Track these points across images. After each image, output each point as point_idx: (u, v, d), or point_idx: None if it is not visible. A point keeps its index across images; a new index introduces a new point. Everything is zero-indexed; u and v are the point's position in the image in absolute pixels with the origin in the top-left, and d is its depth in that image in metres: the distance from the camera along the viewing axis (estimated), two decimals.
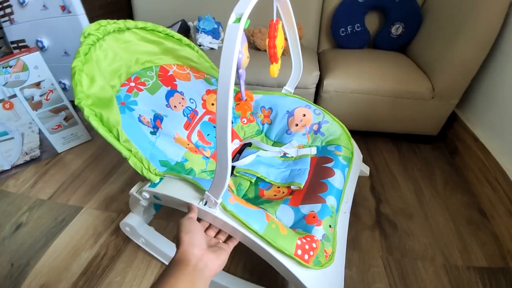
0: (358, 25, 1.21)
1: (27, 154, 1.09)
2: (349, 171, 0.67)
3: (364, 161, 0.83)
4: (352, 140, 0.75)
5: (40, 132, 1.10)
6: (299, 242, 0.47)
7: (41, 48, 1.25)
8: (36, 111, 1.06)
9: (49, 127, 1.11)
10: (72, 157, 1.16)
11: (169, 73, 0.72)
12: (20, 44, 1.27)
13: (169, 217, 0.86)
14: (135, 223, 0.70)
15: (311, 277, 0.47)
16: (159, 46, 0.70)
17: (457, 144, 1.09)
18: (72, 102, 1.15)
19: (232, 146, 0.77)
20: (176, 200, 0.52)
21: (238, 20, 0.34)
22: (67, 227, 0.86)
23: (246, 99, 0.68)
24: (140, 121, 0.60)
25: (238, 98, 0.66)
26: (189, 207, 0.49)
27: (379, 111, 1.07)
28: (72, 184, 1.02)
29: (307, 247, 0.48)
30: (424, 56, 1.10)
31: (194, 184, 0.51)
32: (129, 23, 0.63)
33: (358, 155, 0.76)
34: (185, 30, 1.26)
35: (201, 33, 1.19)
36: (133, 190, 0.61)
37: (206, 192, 0.46)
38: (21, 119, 1.04)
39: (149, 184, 0.57)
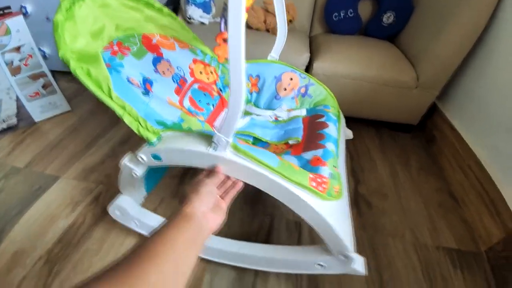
0: (351, 10, 1.21)
1: (4, 121, 1.05)
2: (339, 125, 0.70)
3: (347, 144, 0.85)
4: (336, 101, 0.78)
5: (17, 99, 1.05)
6: (311, 176, 0.49)
7: (24, 14, 1.22)
8: (15, 76, 1.01)
9: (26, 94, 1.06)
10: (50, 126, 1.12)
11: (153, 42, 0.69)
12: (5, 11, 1.22)
13: (159, 204, 0.83)
14: (127, 205, 0.66)
15: (326, 208, 0.48)
16: (140, 14, 0.67)
17: (434, 133, 1.13)
18: (52, 72, 1.11)
19: (223, 114, 0.77)
20: (183, 153, 0.50)
21: None
22: (43, 195, 0.84)
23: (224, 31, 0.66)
24: (129, 82, 0.58)
25: (221, 38, 0.61)
26: (215, 170, 0.48)
27: (365, 97, 1.09)
28: (50, 153, 1.00)
29: (319, 180, 0.49)
30: (412, 46, 1.12)
31: (198, 135, 0.50)
32: None
33: (342, 117, 0.79)
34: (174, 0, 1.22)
35: (191, 5, 1.15)
36: (125, 160, 0.56)
37: (217, 133, 0.44)
38: (0, 84, 0.99)
39: (146, 144, 0.54)
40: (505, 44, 0.87)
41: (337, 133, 0.66)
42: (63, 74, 1.43)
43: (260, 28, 1.20)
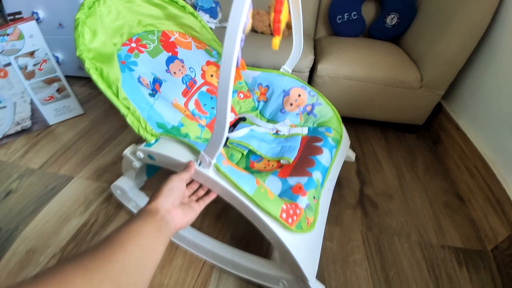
0: (355, 12, 1.23)
1: (18, 124, 1.09)
2: (336, 152, 0.70)
3: (353, 146, 0.86)
4: (342, 125, 0.78)
5: (32, 102, 1.09)
6: (284, 207, 0.50)
7: (37, 20, 1.24)
8: (29, 80, 1.05)
9: (41, 98, 1.10)
10: (64, 129, 1.16)
11: (171, 39, 0.72)
12: (16, 16, 1.28)
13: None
14: (127, 186, 0.72)
15: (292, 239, 0.50)
16: (162, 11, 0.70)
17: (440, 133, 1.13)
18: (65, 77, 1.15)
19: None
20: (170, 160, 0.53)
21: None
22: (58, 195, 0.87)
23: (239, 67, 0.68)
24: (139, 81, 0.61)
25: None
26: (188, 165, 0.50)
27: (369, 99, 1.10)
28: (63, 155, 1.03)
29: (291, 212, 0.51)
30: (416, 47, 1.13)
31: (189, 146, 0.53)
32: None
33: (346, 139, 0.79)
34: None
35: (199, 10, 1.19)
36: (127, 151, 0.62)
37: (202, 152, 0.48)
38: (14, 88, 1.03)
39: (144, 144, 0.58)
40: (509, 43, 0.87)
41: (330, 160, 0.67)
42: (76, 79, 1.48)
43: (264, 32, 1.23)
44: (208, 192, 0.53)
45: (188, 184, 0.51)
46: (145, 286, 0.31)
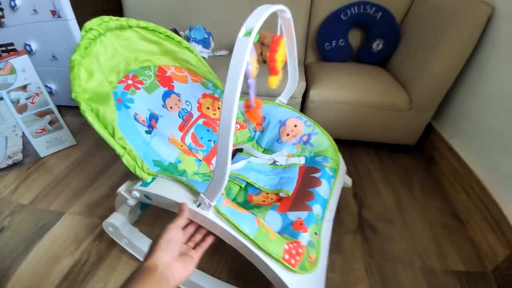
0: (342, 40, 1.28)
1: (9, 158, 1.07)
2: (334, 182, 0.70)
3: (348, 170, 0.86)
4: (339, 153, 0.79)
5: (23, 135, 1.08)
6: (286, 247, 0.49)
7: (29, 52, 1.25)
8: (21, 114, 1.04)
9: (33, 131, 1.09)
10: (56, 161, 1.14)
11: (167, 74, 0.73)
12: (8, 48, 1.27)
13: (155, 222, 0.86)
14: (119, 223, 0.70)
15: (296, 280, 0.49)
16: (159, 47, 0.71)
17: (433, 153, 1.15)
18: (58, 106, 1.15)
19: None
20: (168, 201, 0.52)
21: (248, 34, 0.36)
22: (48, 232, 0.84)
23: (255, 107, 0.69)
24: (135, 119, 0.61)
25: (247, 105, 0.66)
26: (180, 208, 0.49)
27: (361, 121, 1.12)
28: (54, 189, 1.01)
29: (293, 252, 0.50)
30: (403, 70, 1.17)
31: (187, 186, 0.52)
32: (132, 21, 0.63)
33: (343, 167, 0.80)
34: None
35: (192, 42, 1.22)
36: (122, 189, 0.60)
37: (201, 194, 0.47)
38: (6, 122, 1.02)
39: (140, 183, 0.57)
40: (495, 62, 0.90)
41: (329, 192, 0.67)
42: (69, 108, 1.47)
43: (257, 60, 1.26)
44: (205, 236, 0.51)
45: (183, 228, 0.50)
46: None
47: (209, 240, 0.50)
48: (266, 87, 0.57)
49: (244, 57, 0.34)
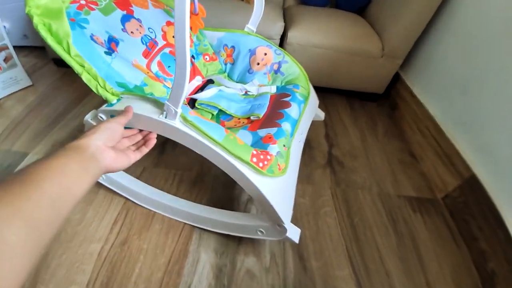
0: None
1: None
2: (305, 106, 0.73)
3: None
4: (309, 83, 0.81)
5: None
6: (254, 152, 0.51)
7: None
8: None
9: None
10: (12, 103, 1.05)
11: None
12: None
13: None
14: None
15: (264, 182, 0.51)
16: None
17: (397, 100, 1.23)
18: (13, 46, 1.02)
19: (195, 83, 0.77)
20: (137, 117, 0.50)
21: None
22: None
23: (198, 13, 0.66)
24: (92, 39, 0.56)
25: (190, 11, 0.63)
26: (124, 110, 0.46)
27: (336, 67, 1.14)
28: (15, 130, 0.94)
29: (261, 157, 0.52)
30: (379, 18, 1.18)
31: (154, 101, 0.50)
32: None
33: (314, 97, 0.82)
34: None
35: None
36: (88, 117, 0.57)
37: (166, 102, 0.46)
38: None
39: (105, 104, 0.55)
40: (463, 12, 0.94)
41: (299, 114, 0.68)
42: (20, 48, 1.33)
43: None
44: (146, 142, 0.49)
45: (131, 136, 0.48)
46: (61, 220, 0.29)
47: (150, 144, 0.48)
48: (227, 22, 0.54)
49: None
